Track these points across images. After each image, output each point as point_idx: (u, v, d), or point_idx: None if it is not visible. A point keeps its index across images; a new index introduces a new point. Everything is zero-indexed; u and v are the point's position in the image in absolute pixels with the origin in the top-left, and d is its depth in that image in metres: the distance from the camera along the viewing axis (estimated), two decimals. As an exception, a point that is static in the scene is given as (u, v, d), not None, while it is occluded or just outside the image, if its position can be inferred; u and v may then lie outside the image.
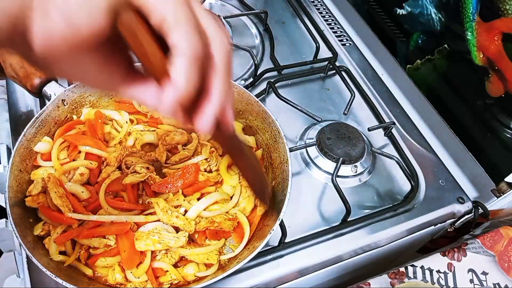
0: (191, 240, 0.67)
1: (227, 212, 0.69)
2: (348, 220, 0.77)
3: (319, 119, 0.89)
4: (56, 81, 0.75)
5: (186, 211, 0.68)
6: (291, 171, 0.68)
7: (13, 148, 0.65)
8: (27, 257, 0.64)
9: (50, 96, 0.73)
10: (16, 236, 0.56)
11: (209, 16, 0.39)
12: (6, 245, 0.70)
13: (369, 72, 1.08)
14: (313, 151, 0.86)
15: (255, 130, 0.79)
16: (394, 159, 0.84)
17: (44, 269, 0.55)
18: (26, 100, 0.85)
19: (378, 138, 0.93)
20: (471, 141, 0.89)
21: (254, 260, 0.67)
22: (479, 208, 0.83)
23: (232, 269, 0.59)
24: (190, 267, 0.64)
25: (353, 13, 1.17)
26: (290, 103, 0.90)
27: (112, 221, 0.64)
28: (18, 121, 0.82)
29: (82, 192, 0.66)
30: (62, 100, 0.72)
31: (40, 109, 0.70)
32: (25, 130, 0.67)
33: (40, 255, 0.58)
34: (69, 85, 0.75)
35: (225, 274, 0.59)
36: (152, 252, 0.64)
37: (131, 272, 0.62)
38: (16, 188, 0.64)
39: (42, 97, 0.74)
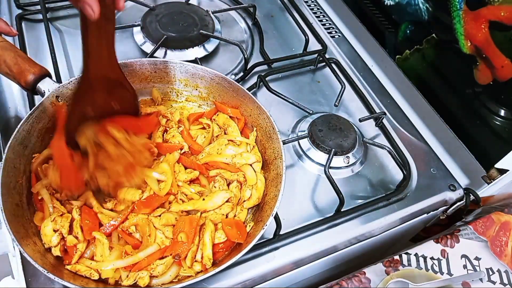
0: None
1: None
2: (342, 210, 0.77)
3: (311, 112, 0.89)
4: (50, 77, 0.73)
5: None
6: (285, 167, 0.68)
7: (5, 145, 0.64)
8: (22, 257, 0.64)
9: (44, 92, 0.71)
10: (9, 232, 0.56)
11: None
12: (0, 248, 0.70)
13: (359, 64, 1.08)
14: (305, 143, 0.86)
15: (254, 126, 0.78)
16: (385, 149, 0.85)
17: (36, 265, 0.55)
18: (14, 100, 0.85)
19: (369, 129, 0.93)
20: (461, 129, 0.90)
21: (249, 253, 0.68)
22: (471, 195, 0.84)
23: (226, 264, 0.59)
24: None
25: (342, 5, 1.17)
26: (281, 96, 0.90)
27: None
28: (7, 122, 0.82)
29: None
30: (56, 96, 0.71)
31: (30, 110, 0.69)
32: (19, 126, 0.66)
33: (33, 251, 0.58)
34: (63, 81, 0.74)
35: (218, 269, 0.59)
36: None
37: None
38: (9, 185, 0.63)
39: (36, 94, 0.72)
